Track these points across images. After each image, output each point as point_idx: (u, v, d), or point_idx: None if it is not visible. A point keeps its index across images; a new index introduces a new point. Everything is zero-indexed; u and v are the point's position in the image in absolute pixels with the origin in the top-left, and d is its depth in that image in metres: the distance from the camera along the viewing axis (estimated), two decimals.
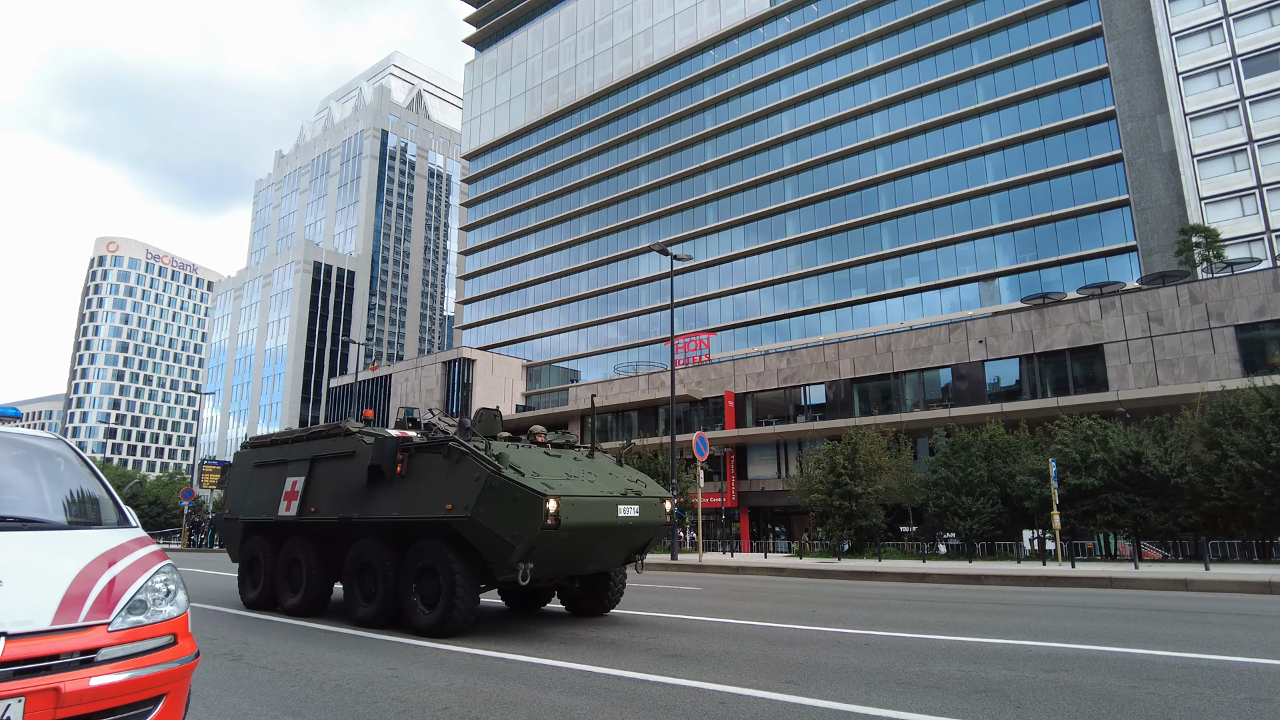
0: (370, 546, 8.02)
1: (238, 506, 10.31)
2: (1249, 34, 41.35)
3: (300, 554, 8.99)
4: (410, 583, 7.48)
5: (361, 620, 7.94)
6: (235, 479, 10.71)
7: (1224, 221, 40.01)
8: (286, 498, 9.13)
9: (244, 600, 9.90)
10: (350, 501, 8.19)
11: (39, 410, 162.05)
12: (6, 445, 3.81)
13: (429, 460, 7.61)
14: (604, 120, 68.06)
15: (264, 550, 9.67)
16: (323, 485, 8.72)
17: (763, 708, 4.43)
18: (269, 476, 9.73)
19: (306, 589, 8.83)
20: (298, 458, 9.27)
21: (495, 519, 6.83)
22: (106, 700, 2.67)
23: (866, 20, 53.39)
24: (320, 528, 8.97)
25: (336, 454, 8.65)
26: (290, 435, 9.87)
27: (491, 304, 75.25)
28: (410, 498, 7.54)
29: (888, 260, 50.57)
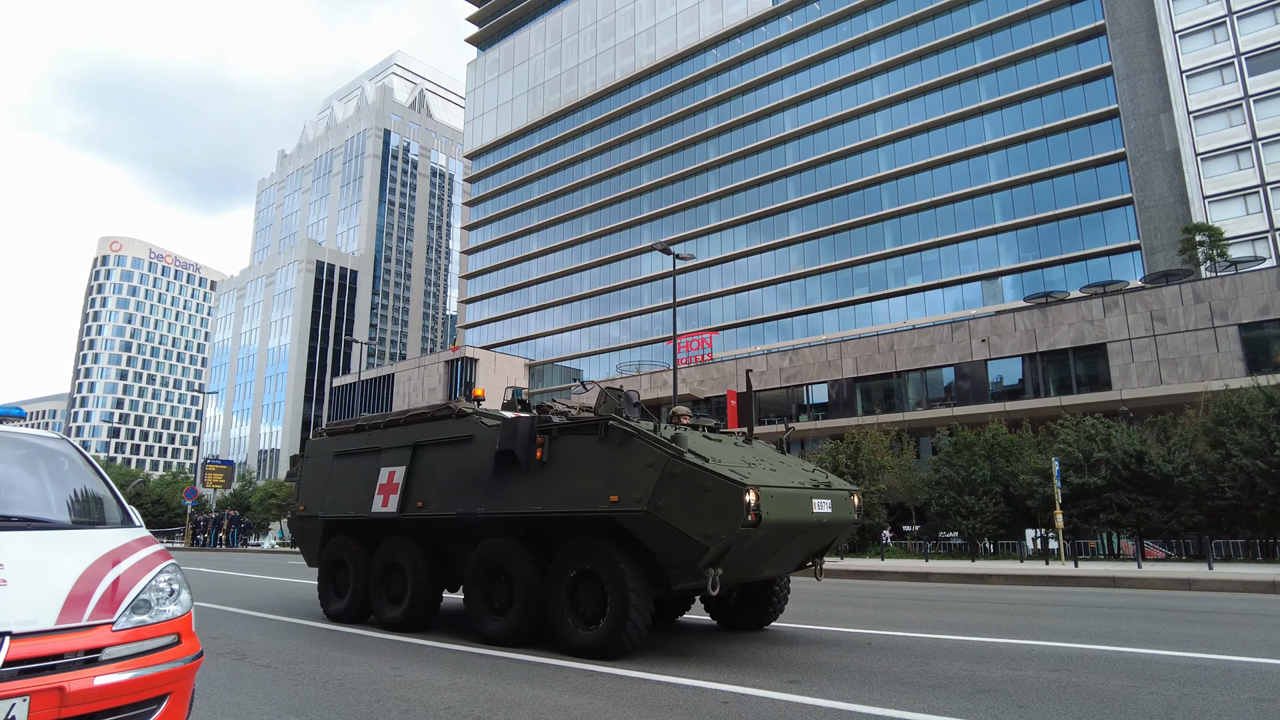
0: (503, 548, 6.78)
1: (314, 502, 8.99)
2: (1252, 32, 41.23)
3: (403, 558, 7.65)
4: (561, 592, 6.26)
5: (492, 637, 6.67)
6: (310, 471, 9.30)
7: (1228, 220, 39.91)
8: (383, 491, 7.85)
9: (327, 612, 8.54)
10: (470, 494, 6.99)
11: (43, 410, 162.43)
12: (10, 445, 3.82)
13: (579, 443, 6.38)
14: (606, 119, 68.04)
15: (352, 553, 8.30)
16: (431, 476, 7.46)
17: (765, 707, 4.43)
18: (355, 467, 8.45)
19: (412, 599, 7.47)
20: (394, 445, 7.99)
21: (679, 514, 5.67)
22: (111, 700, 2.68)
23: (869, 19, 53.31)
24: (428, 527, 7.67)
25: (447, 439, 7.41)
26: (381, 419, 8.54)
27: (494, 303, 75.29)
28: (554, 489, 6.38)
29: (890, 259, 50.51)
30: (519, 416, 6.93)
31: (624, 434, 6.08)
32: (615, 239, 65.52)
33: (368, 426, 8.64)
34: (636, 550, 6.05)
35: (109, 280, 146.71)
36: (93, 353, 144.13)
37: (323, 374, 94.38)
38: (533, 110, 74.52)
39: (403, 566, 7.65)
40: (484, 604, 6.90)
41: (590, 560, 6.12)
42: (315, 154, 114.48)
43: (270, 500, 54.73)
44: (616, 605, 5.85)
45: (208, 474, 50.21)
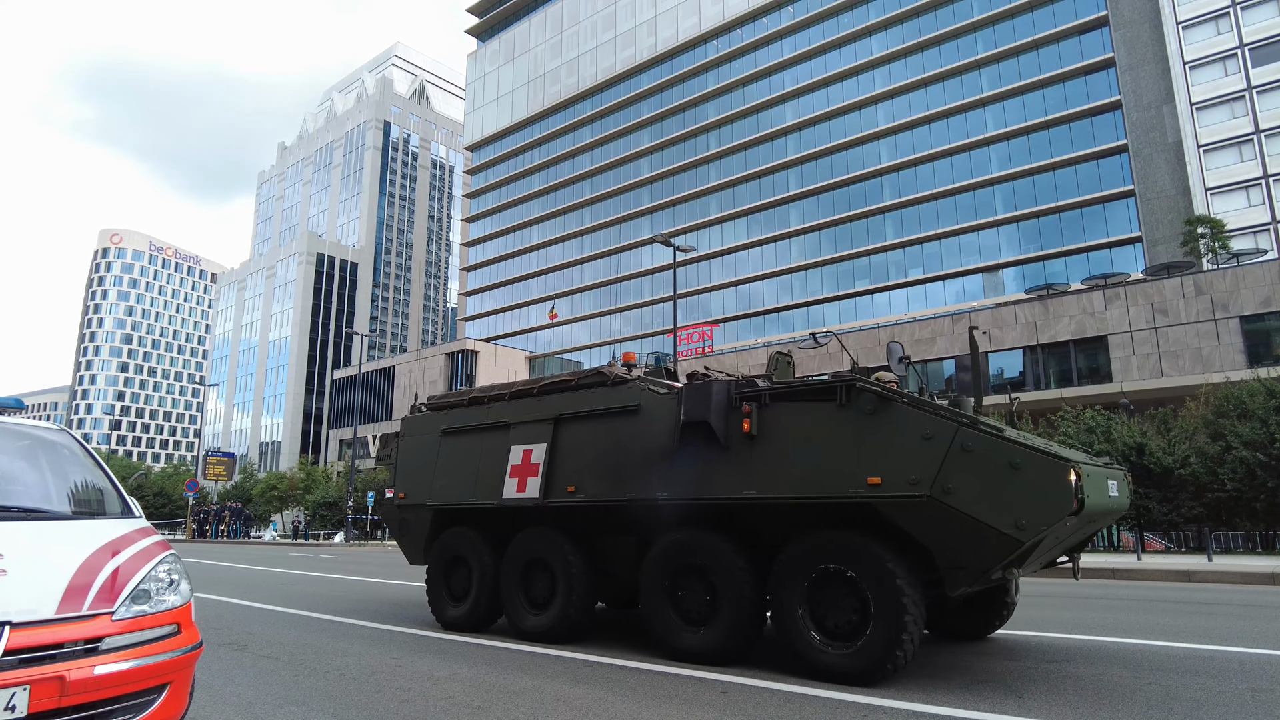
0: (702, 545, 5.54)
1: (418, 488, 7.71)
2: (1256, 23, 41.04)
3: (549, 553, 6.47)
4: (795, 600, 5.01)
5: (688, 652, 5.46)
6: (410, 452, 8.00)
7: (1230, 212, 39.81)
8: (516, 474, 6.68)
9: (442, 619, 7.26)
10: (641, 477, 5.83)
11: (44, 402, 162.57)
12: (11, 436, 3.83)
13: (805, 412, 5.14)
14: (607, 111, 67.85)
15: (475, 548, 7.09)
16: (582, 455, 6.30)
17: (764, 697, 4.45)
18: (474, 446, 7.24)
19: (564, 604, 6.27)
20: (528, 419, 6.80)
21: (978, 499, 4.47)
22: (111, 689, 2.69)
23: (870, 10, 53.08)
24: (579, 516, 6.48)
25: (602, 410, 6.24)
26: (504, 389, 7.30)
27: (495, 295, 75.25)
28: (771, 469, 5.16)
29: (891, 251, 50.43)
30: (711, 380, 5.73)
31: (877, 398, 4.87)
32: (616, 231, 65.45)
33: (487, 399, 7.36)
34: (901, 547, 4.87)
35: (109, 273, 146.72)
36: (93, 345, 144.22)
37: (323, 366, 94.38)
38: (533, 102, 74.32)
39: (549, 564, 6.46)
40: (670, 611, 5.66)
41: (838, 559, 4.89)
42: (315, 146, 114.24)
43: (271, 492, 54.90)
44: (886, 617, 4.62)
45: (209, 466, 50.29)
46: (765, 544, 5.50)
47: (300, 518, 50.56)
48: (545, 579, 6.55)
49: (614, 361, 6.75)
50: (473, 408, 7.48)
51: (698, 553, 5.57)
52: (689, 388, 5.64)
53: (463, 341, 63.85)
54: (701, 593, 5.55)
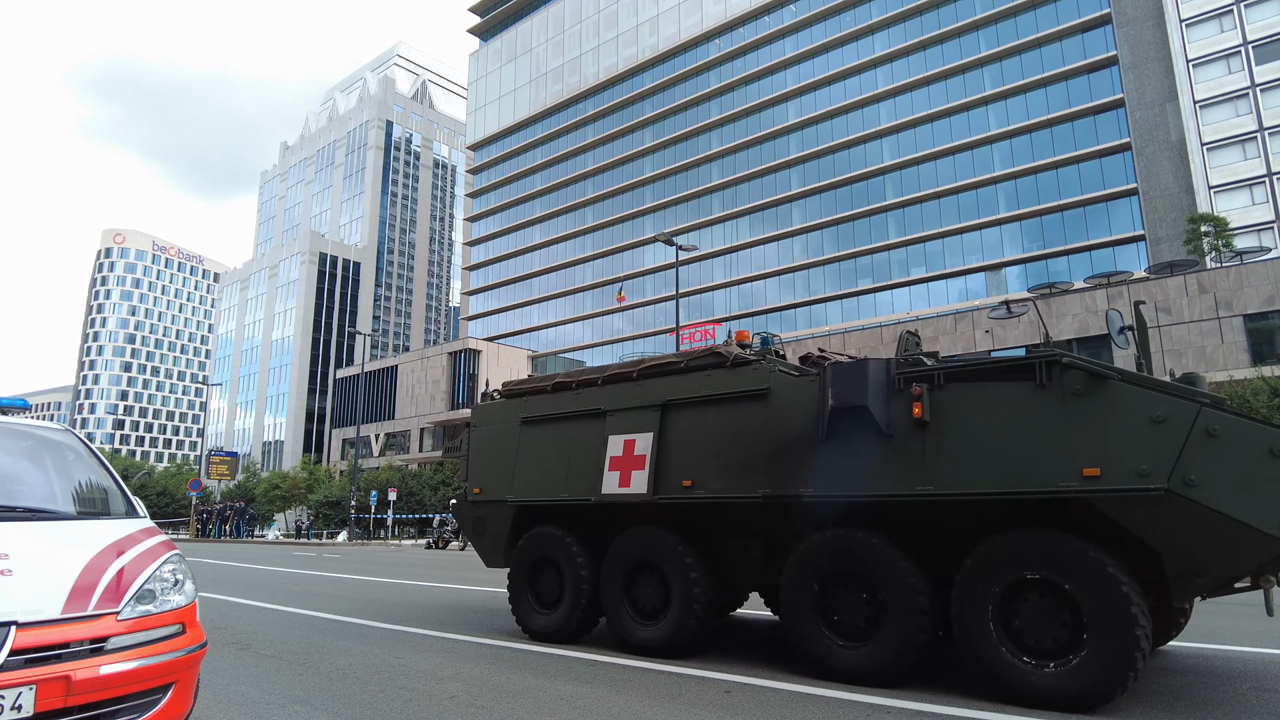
0: (862, 548, 4.80)
1: (495, 483, 7.02)
2: (1259, 20, 40.93)
3: (661, 556, 5.79)
4: (985, 612, 4.35)
5: (846, 671, 4.75)
6: (484, 444, 7.27)
7: (1233, 210, 39.71)
8: (618, 466, 6.04)
9: (528, 627, 6.60)
10: (778, 470, 5.13)
11: (48, 402, 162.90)
12: (16, 437, 3.84)
13: (991, 394, 4.47)
14: (609, 110, 67.83)
15: (567, 550, 6.40)
16: (699, 445, 5.63)
17: (767, 696, 4.45)
18: (563, 436, 6.58)
19: (681, 613, 5.57)
20: (628, 405, 6.14)
21: (1234, 493, 3.85)
22: (116, 688, 2.70)
23: (872, 8, 53.01)
24: (695, 513, 5.82)
25: (721, 395, 5.57)
26: (595, 374, 6.61)
27: (497, 295, 75.26)
28: (951, 460, 4.48)
29: (894, 250, 50.38)
30: (866, 359, 5.04)
31: (1089, 376, 4.23)
32: (618, 230, 65.43)
33: (575, 383, 6.68)
34: (1121, 549, 4.23)
35: (112, 273, 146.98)
36: (97, 345, 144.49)
37: (326, 366, 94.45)
38: (535, 101, 74.31)
39: (660, 569, 5.78)
40: (819, 625, 4.93)
41: (1044, 565, 4.21)
42: (318, 145, 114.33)
43: (274, 492, 54.98)
44: (1110, 631, 4.01)
45: (212, 466, 50.32)
46: (937, 547, 4.81)
47: (303, 517, 50.63)
48: (655, 585, 5.85)
49: (729, 340, 5.93)
50: (558, 394, 6.77)
51: (855, 557, 4.81)
52: (837, 367, 5.01)
53: (465, 340, 63.83)
54: (859, 603, 4.81)
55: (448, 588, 11.41)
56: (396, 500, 39.91)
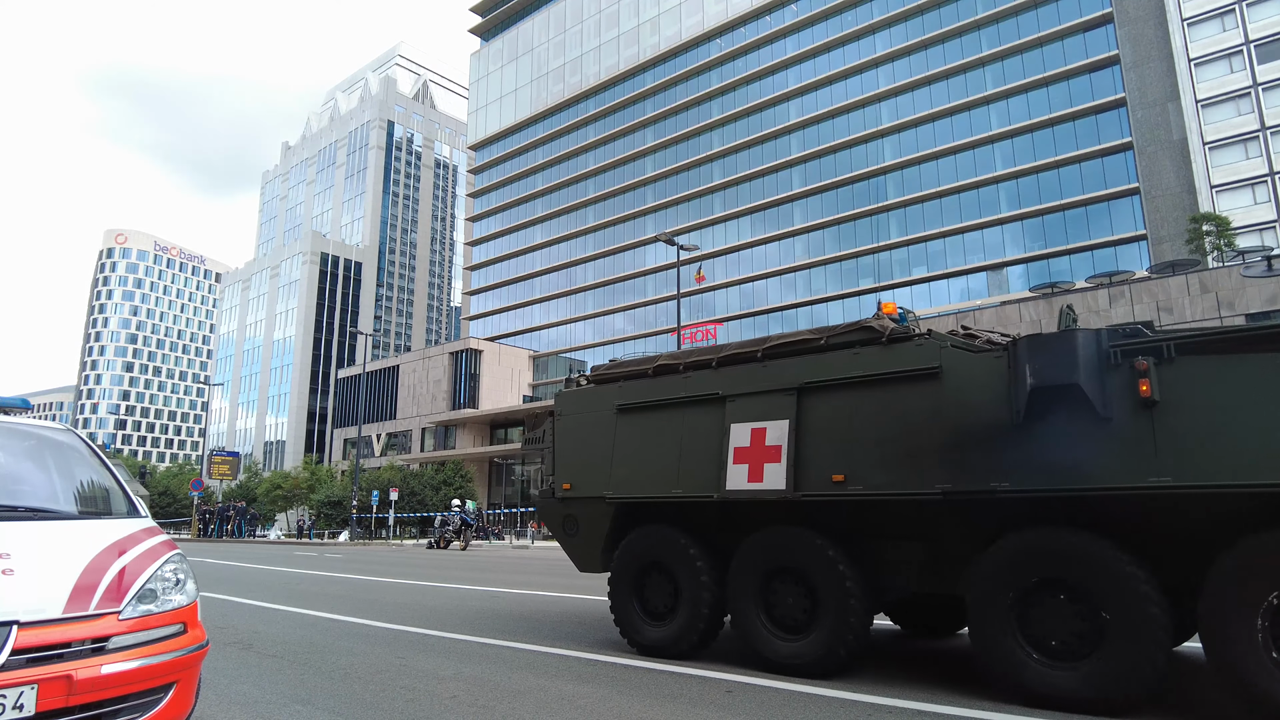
0: (1075, 550, 4.14)
1: (589, 478, 6.35)
2: (1262, 19, 40.87)
3: (808, 563, 5.03)
4: (1251, 624, 3.70)
5: (1059, 696, 4.08)
6: (572, 434, 6.61)
7: (1235, 209, 39.67)
8: (746, 459, 5.31)
9: (637, 641, 5.88)
10: (956, 462, 4.45)
11: (50, 402, 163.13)
12: (18, 436, 3.84)
13: (1238, 368, 3.85)
14: (610, 110, 67.84)
15: (683, 554, 5.69)
16: (849, 434, 4.91)
17: (769, 696, 4.44)
18: (668, 425, 5.90)
19: (836, 627, 4.81)
20: (754, 389, 5.43)
21: None
22: (118, 688, 2.70)
23: (874, 7, 52.98)
24: (851, 514, 5.09)
25: (877, 376, 4.86)
26: (710, 354, 5.89)
27: (498, 294, 75.30)
28: (1192, 445, 3.84)
29: (895, 249, 50.36)
30: (1067, 329, 4.41)
31: None
32: (619, 230, 65.44)
33: (682, 366, 5.98)
34: None
35: (114, 273, 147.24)
36: (99, 345, 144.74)
37: (328, 365, 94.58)
38: (536, 101, 74.32)
39: (805, 575, 5.04)
40: (1016, 640, 4.25)
41: None
42: (319, 145, 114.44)
43: (276, 492, 55.03)
44: None
45: (214, 465, 50.38)
46: (1165, 547, 4.15)
47: (305, 517, 50.68)
48: (797, 594, 5.10)
49: (877, 314, 5.14)
50: (662, 378, 6.10)
51: (1068, 562, 4.13)
52: (1035, 341, 4.37)
53: (466, 340, 63.90)
54: (1070, 615, 4.12)
55: (449, 587, 11.41)
56: (398, 500, 39.95)
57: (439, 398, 61.53)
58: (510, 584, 11.82)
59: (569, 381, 7.12)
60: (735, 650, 5.87)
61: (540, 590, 10.85)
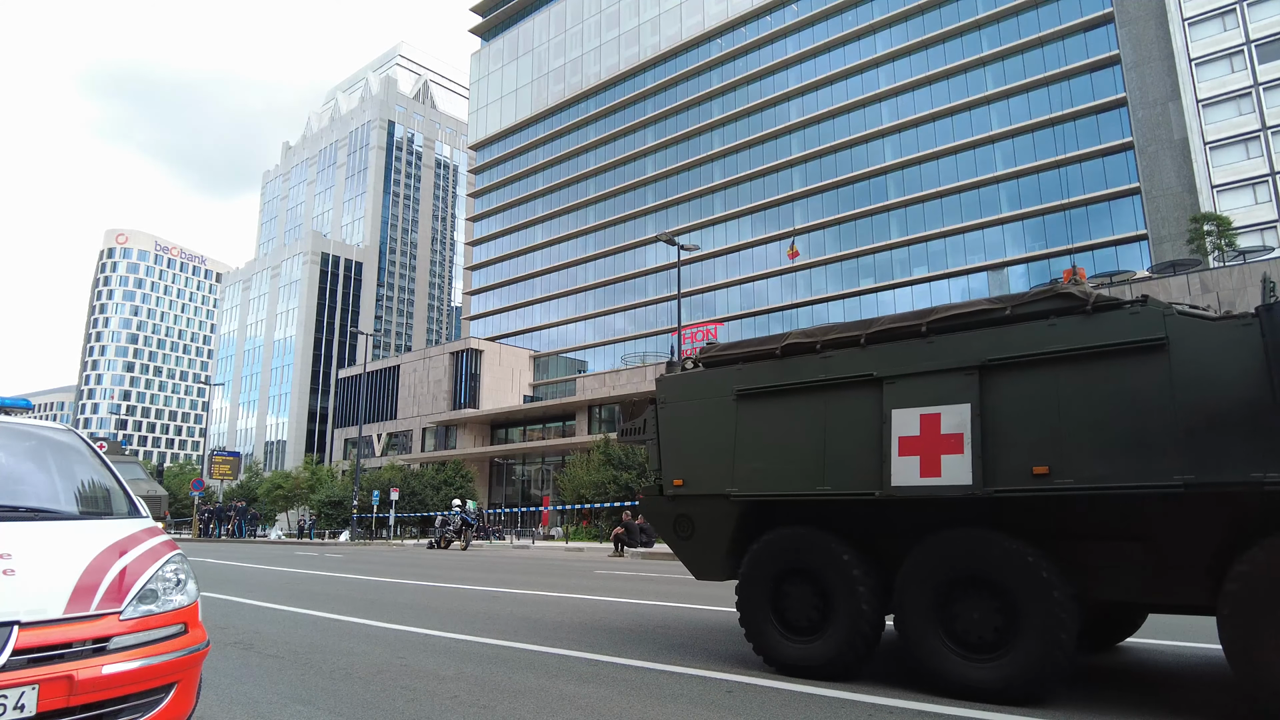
0: None
1: (707, 472, 5.62)
2: (1263, 19, 40.85)
3: (1003, 570, 4.31)
4: None
5: None
6: (679, 423, 5.89)
7: (1236, 209, 39.65)
8: (916, 449, 4.62)
9: (775, 658, 5.13)
10: (1199, 448, 3.85)
11: (50, 401, 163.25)
12: (18, 437, 3.84)
13: None
14: (610, 110, 67.85)
15: (834, 559, 4.93)
16: (1053, 419, 4.26)
17: (770, 696, 4.44)
18: (807, 412, 5.17)
19: (1045, 648, 4.10)
20: (921, 369, 4.73)
21: None
22: (119, 688, 2.70)
23: (874, 8, 52.98)
24: (1056, 512, 4.44)
25: (1085, 350, 4.22)
26: (860, 328, 5.13)
27: (499, 294, 75.31)
28: None
29: (896, 249, 50.35)
30: None
31: None
32: (620, 230, 65.45)
33: (820, 345, 5.24)
34: None
35: (115, 273, 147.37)
36: (99, 345, 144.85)
37: (328, 365, 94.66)
38: (537, 101, 74.34)
39: (1001, 585, 4.32)
40: None
41: None
42: (320, 145, 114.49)
43: (277, 491, 55.06)
44: None
45: (215, 465, 50.42)
46: None
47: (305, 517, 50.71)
48: (987, 607, 4.37)
49: (1076, 279, 4.54)
50: (793, 359, 5.35)
51: None
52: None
53: (467, 340, 63.93)
54: None
55: (450, 587, 11.41)
56: (399, 500, 39.97)
57: (439, 398, 61.55)
58: (511, 584, 11.82)
59: (670, 365, 6.43)
60: (735, 650, 5.87)
61: (541, 590, 10.85)
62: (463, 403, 60.19)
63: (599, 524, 31.49)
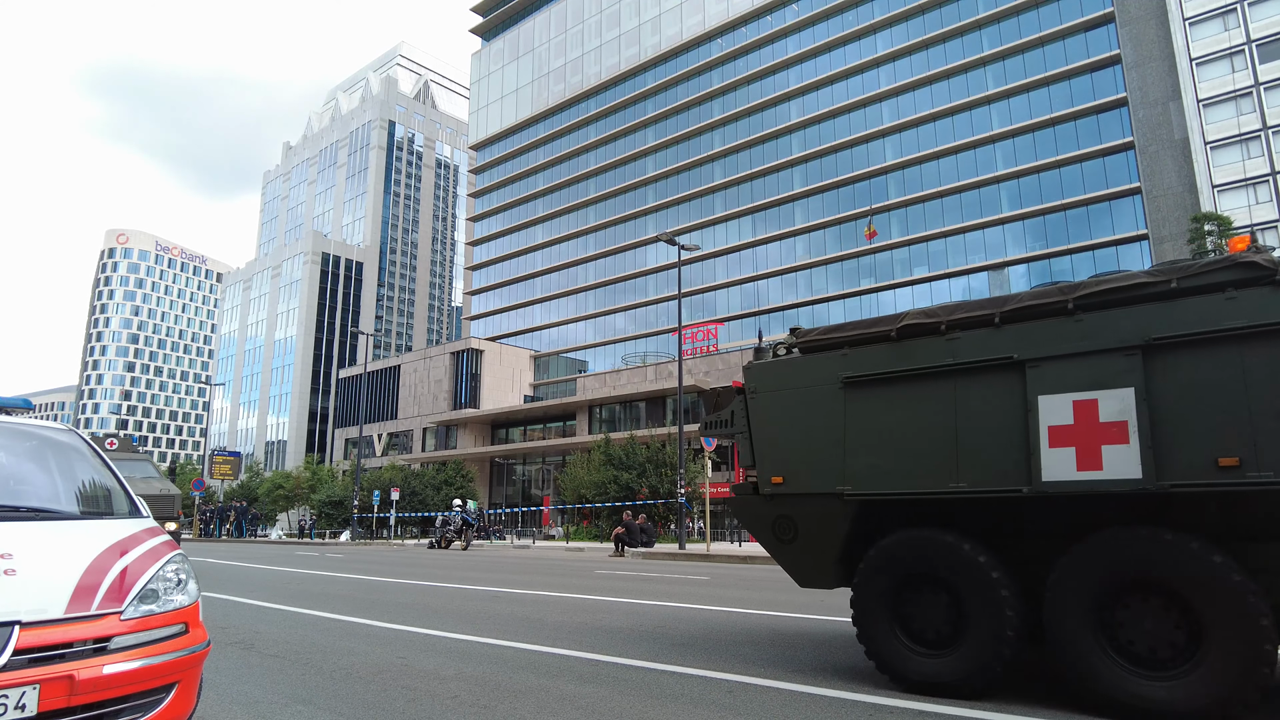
0: None
1: (811, 468, 5.12)
2: (1263, 19, 40.85)
3: (1183, 574, 3.81)
4: None
5: None
6: (773, 414, 5.37)
7: (1237, 209, 39.63)
8: (1070, 441, 4.14)
9: (903, 674, 4.57)
10: None
11: (51, 401, 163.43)
12: (19, 437, 3.84)
13: None
14: (611, 110, 67.87)
15: (971, 565, 4.39)
16: (1237, 402, 3.79)
17: (770, 697, 4.44)
18: (930, 401, 4.70)
19: (1244, 667, 3.61)
20: (1073, 350, 4.23)
21: None
22: (120, 688, 2.70)
23: (875, 8, 52.99)
24: (1245, 510, 4.00)
25: (1266, 328, 3.75)
26: (992, 305, 4.60)
27: (499, 294, 75.35)
28: None
29: (897, 249, 50.35)
30: None
31: None
32: (621, 230, 65.46)
33: (944, 325, 4.74)
34: None
35: (116, 273, 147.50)
36: (100, 345, 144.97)
37: (329, 365, 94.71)
38: (537, 101, 74.36)
39: (1181, 593, 3.83)
40: None
41: None
42: (320, 145, 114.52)
43: (277, 491, 55.09)
44: None
45: (215, 465, 50.44)
46: None
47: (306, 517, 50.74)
48: (1162, 618, 3.89)
49: (1256, 245, 4.05)
50: (911, 342, 4.85)
51: None
52: None
53: (468, 340, 63.96)
54: None
55: (450, 587, 11.42)
56: (399, 500, 40.00)
57: (440, 397, 61.57)
58: (511, 584, 11.82)
59: (759, 351, 5.78)
60: (736, 650, 5.87)
61: (541, 590, 10.85)
62: (463, 403, 60.21)
63: (599, 524, 31.52)
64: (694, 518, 32.13)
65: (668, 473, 29.66)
